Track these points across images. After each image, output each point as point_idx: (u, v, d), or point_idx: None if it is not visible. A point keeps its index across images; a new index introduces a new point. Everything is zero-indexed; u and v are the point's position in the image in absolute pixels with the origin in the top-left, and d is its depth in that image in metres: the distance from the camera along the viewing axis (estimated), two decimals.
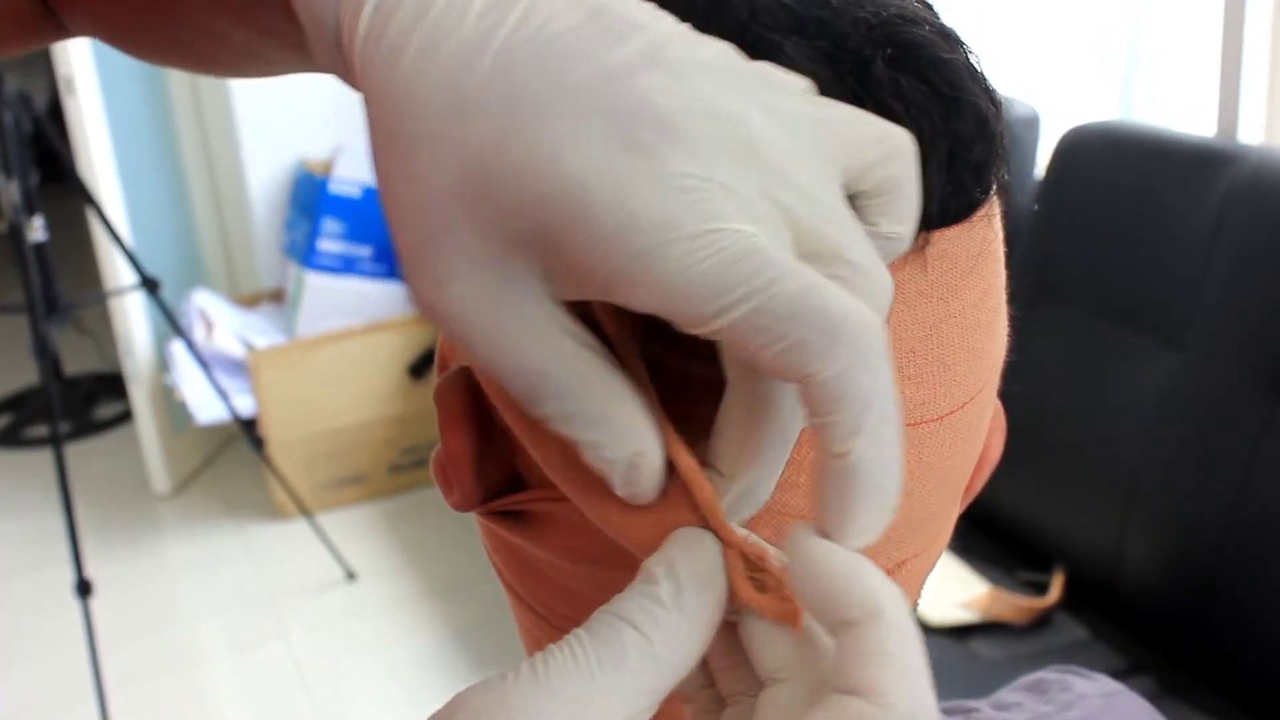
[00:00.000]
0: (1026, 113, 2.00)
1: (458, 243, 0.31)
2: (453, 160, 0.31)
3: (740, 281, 0.29)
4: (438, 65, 0.31)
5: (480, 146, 0.30)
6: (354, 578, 2.88)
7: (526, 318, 0.32)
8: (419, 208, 0.31)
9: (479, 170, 0.31)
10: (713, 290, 0.29)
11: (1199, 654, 1.64)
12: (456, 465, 0.42)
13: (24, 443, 3.77)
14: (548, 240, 0.31)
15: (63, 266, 2.45)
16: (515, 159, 0.30)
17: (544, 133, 0.30)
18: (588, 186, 0.30)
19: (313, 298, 3.16)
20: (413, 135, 0.31)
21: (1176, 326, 1.69)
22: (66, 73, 2.86)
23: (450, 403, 0.42)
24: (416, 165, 0.31)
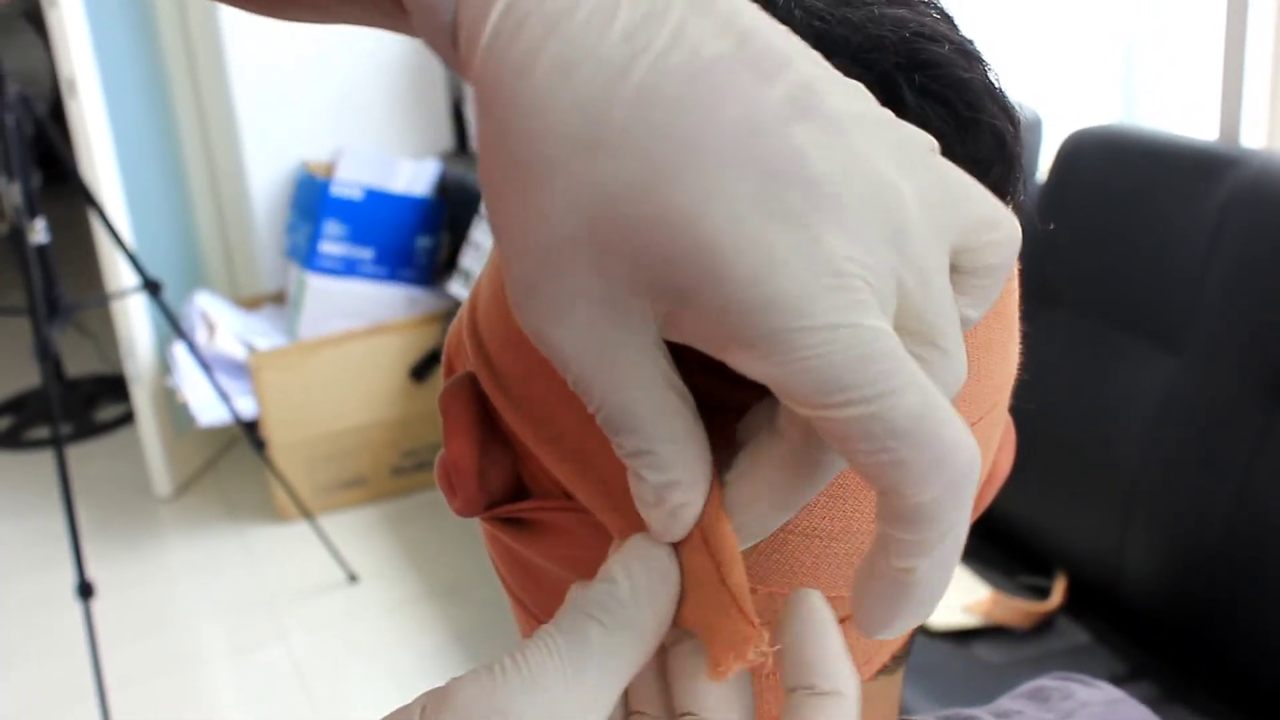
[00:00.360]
0: (1028, 116, 2.00)
1: (577, 283, 0.30)
2: (584, 199, 0.29)
3: (866, 383, 0.28)
4: (574, 86, 0.29)
5: (617, 189, 0.29)
6: (355, 580, 2.88)
7: (633, 361, 0.31)
8: (539, 242, 0.30)
9: (612, 214, 0.29)
10: (836, 384, 0.28)
11: (1201, 658, 1.64)
12: (460, 471, 0.42)
13: (25, 444, 3.77)
14: (673, 296, 0.30)
15: (64, 268, 2.45)
16: (654, 210, 0.29)
17: (689, 184, 0.28)
18: (730, 253, 0.28)
19: (314, 300, 3.16)
20: (540, 162, 0.29)
21: (1177, 330, 1.69)
22: (68, 74, 2.86)
23: (455, 409, 0.42)
24: (541, 196, 0.29)
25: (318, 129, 3.35)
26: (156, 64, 3.32)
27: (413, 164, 3.25)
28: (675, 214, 0.28)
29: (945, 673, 1.64)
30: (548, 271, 0.30)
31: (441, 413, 0.43)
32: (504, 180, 0.30)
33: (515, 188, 0.30)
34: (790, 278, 0.28)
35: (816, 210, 0.28)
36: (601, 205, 0.29)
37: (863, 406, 0.28)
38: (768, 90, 0.29)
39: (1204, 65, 2.04)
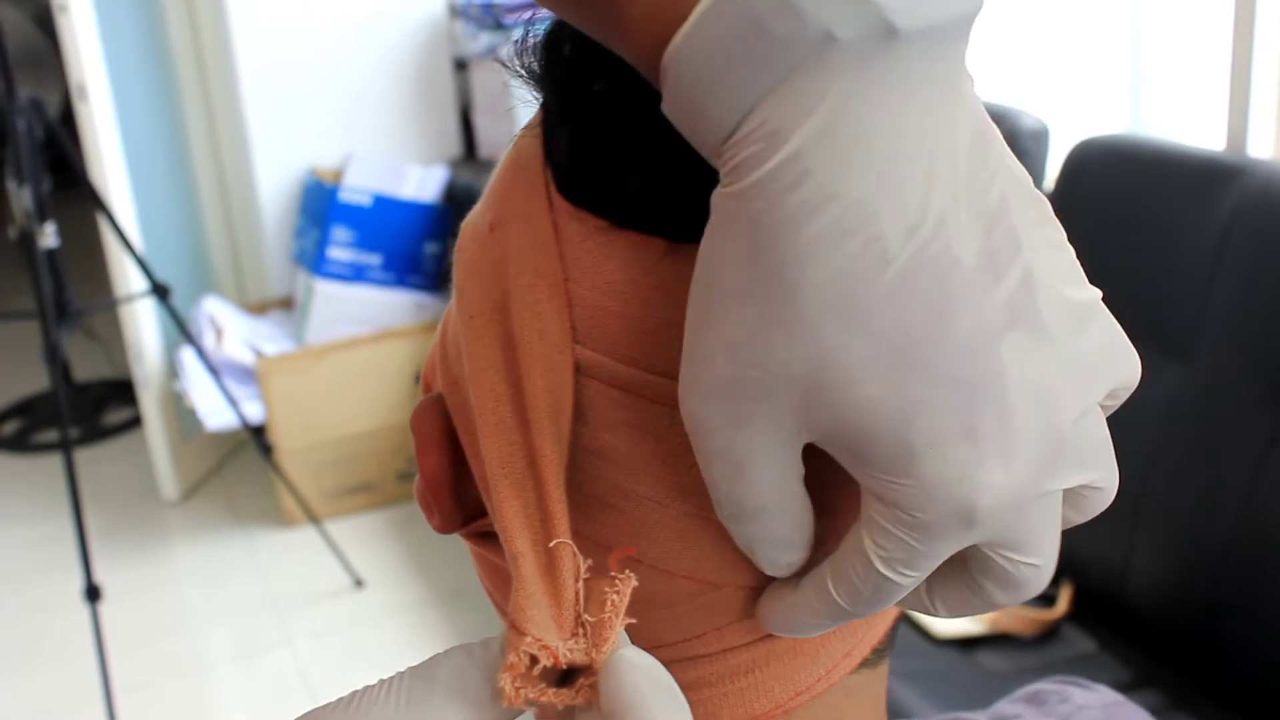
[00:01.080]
0: (1035, 125, 2.00)
1: (767, 411, 0.33)
2: (816, 357, 0.32)
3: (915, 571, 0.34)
4: (841, 257, 0.31)
5: (846, 363, 0.31)
6: (361, 585, 2.88)
7: (772, 472, 0.34)
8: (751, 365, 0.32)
9: (833, 381, 0.32)
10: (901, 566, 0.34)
11: (1206, 666, 1.64)
12: (434, 488, 0.43)
13: (33, 448, 3.78)
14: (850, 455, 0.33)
15: (73, 273, 2.45)
16: (873, 394, 0.32)
17: (909, 388, 0.31)
18: (920, 459, 0.32)
19: (322, 305, 3.17)
20: (785, 308, 0.31)
21: (1183, 339, 1.69)
22: (79, 79, 2.87)
23: (426, 427, 0.44)
24: (774, 333, 0.32)
25: (326, 135, 3.36)
26: (166, 69, 3.33)
27: (421, 170, 3.26)
28: (887, 404, 0.32)
29: (950, 680, 1.64)
30: (748, 390, 0.33)
31: (413, 432, 0.44)
32: (740, 296, 0.32)
33: (750, 309, 0.32)
34: (952, 498, 0.32)
35: (995, 442, 0.32)
36: (830, 369, 0.32)
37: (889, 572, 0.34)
38: (995, 294, 0.32)
39: (1211, 75, 2.04)
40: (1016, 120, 2.00)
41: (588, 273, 0.38)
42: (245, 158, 3.36)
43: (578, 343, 0.38)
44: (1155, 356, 1.73)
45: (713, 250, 0.33)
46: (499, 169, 0.43)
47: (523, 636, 0.35)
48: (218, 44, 3.31)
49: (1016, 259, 0.32)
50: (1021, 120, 2.00)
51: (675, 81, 0.32)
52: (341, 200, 3.13)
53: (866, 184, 0.30)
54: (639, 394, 0.38)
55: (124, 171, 3.02)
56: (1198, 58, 2.18)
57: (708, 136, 0.32)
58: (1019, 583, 0.35)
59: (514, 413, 0.39)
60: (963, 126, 0.32)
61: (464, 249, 0.44)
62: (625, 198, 0.37)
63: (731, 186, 0.32)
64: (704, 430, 0.34)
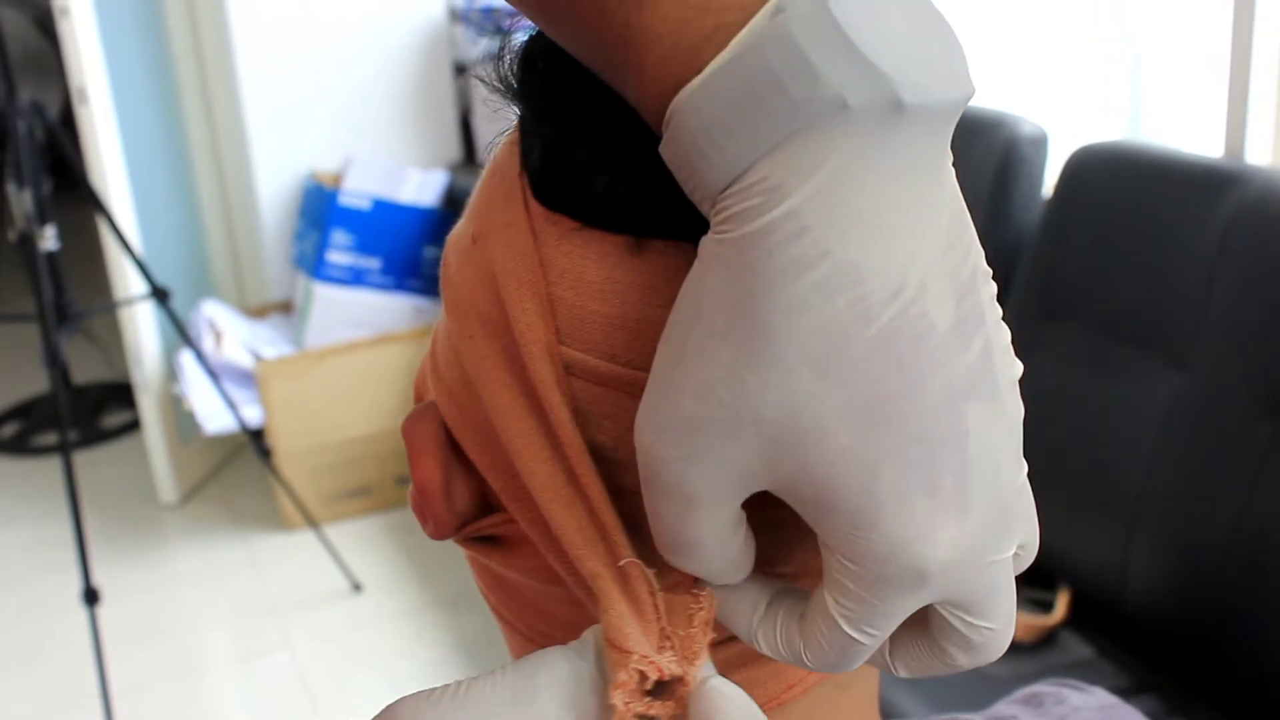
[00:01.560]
0: (1034, 132, 2.01)
1: (729, 454, 0.34)
2: (790, 403, 0.33)
3: (878, 630, 0.36)
4: (829, 311, 0.32)
5: (820, 412, 0.33)
6: (359, 589, 2.88)
7: (716, 513, 0.36)
8: (722, 403, 0.33)
9: (804, 430, 0.33)
10: (864, 624, 0.35)
11: (1204, 673, 1.64)
12: (427, 494, 0.44)
13: (32, 450, 3.78)
14: (811, 505, 0.34)
15: (73, 275, 2.46)
16: (844, 444, 0.33)
17: (878, 441, 0.33)
18: (884, 512, 0.33)
19: (321, 309, 3.17)
20: (766, 355, 0.33)
21: (1181, 346, 1.69)
22: (79, 82, 2.88)
23: (418, 436, 0.45)
24: (752, 376, 0.33)
25: (326, 138, 3.36)
26: (166, 72, 3.34)
27: (421, 174, 3.26)
28: (856, 455, 0.33)
29: (948, 684, 1.64)
30: (712, 429, 0.34)
31: (405, 440, 0.45)
32: (720, 337, 0.33)
33: (730, 351, 0.33)
34: (910, 553, 0.34)
35: (952, 499, 0.34)
36: (802, 416, 0.33)
37: (853, 631, 0.36)
38: (962, 360, 0.34)
39: (1209, 82, 2.04)
40: (1015, 127, 2.00)
41: (566, 274, 0.39)
42: (245, 161, 3.36)
43: (563, 344, 0.40)
44: (1154, 363, 1.73)
45: (696, 291, 0.34)
46: (480, 182, 0.45)
47: (628, 654, 0.37)
48: (218, 47, 3.32)
49: (980, 329, 0.34)
50: (1020, 127, 2.00)
51: (681, 127, 0.33)
52: (341, 204, 3.13)
53: (859, 246, 0.32)
54: (622, 390, 0.39)
55: (124, 174, 3.03)
56: (1196, 65, 2.19)
57: (704, 184, 0.33)
58: (978, 646, 0.37)
59: (543, 434, 0.40)
60: (946, 203, 0.34)
61: (448, 262, 0.45)
62: (593, 198, 0.39)
63: (727, 234, 0.33)
64: (657, 463, 0.35)
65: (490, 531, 0.44)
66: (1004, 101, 2.13)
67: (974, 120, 2.05)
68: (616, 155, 0.38)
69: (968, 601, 0.35)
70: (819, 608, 0.36)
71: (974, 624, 0.36)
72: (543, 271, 0.40)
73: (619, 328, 0.39)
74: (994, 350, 0.35)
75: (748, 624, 0.39)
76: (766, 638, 0.38)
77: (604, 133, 0.38)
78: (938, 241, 0.33)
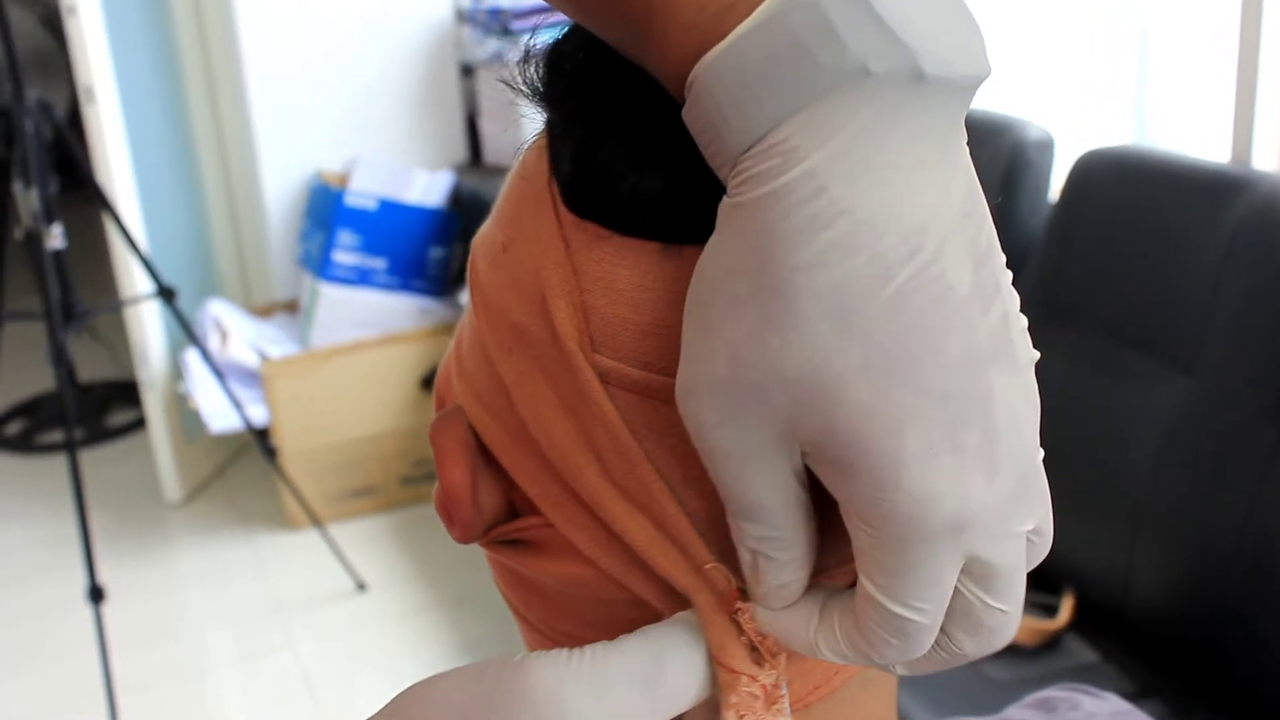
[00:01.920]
0: (1040, 136, 2.01)
1: (759, 409, 0.34)
2: (810, 360, 0.33)
3: (919, 599, 0.35)
4: (846, 269, 0.33)
5: (839, 369, 0.33)
6: (364, 589, 2.88)
7: (775, 470, 0.36)
8: (746, 363, 0.34)
9: (825, 385, 0.33)
10: (904, 592, 0.35)
11: (1208, 678, 1.64)
12: (455, 498, 0.44)
13: (38, 448, 3.79)
14: (836, 464, 0.34)
15: (79, 274, 2.46)
16: (864, 401, 0.33)
17: (900, 398, 0.33)
18: (908, 469, 0.33)
19: (327, 309, 3.18)
20: (785, 311, 0.33)
21: (1187, 351, 1.69)
22: (86, 82, 2.88)
23: (448, 439, 0.45)
24: (772, 335, 0.34)
25: (333, 138, 3.36)
26: (173, 72, 3.34)
27: (427, 175, 3.26)
28: (879, 413, 0.33)
29: (951, 688, 1.64)
30: (742, 390, 0.35)
31: (433, 445, 0.45)
32: (742, 301, 0.34)
33: (751, 313, 0.34)
34: (938, 510, 0.34)
35: (979, 457, 0.34)
36: (824, 373, 0.33)
37: (898, 607, 0.35)
38: (982, 324, 0.34)
39: (1216, 87, 2.04)
40: (1022, 131, 2.00)
41: (599, 282, 0.40)
42: (251, 160, 3.37)
43: (596, 351, 0.40)
44: (1159, 368, 1.73)
45: (716, 257, 0.35)
46: (507, 185, 0.45)
47: (737, 675, 0.39)
48: (225, 46, 3.32)
49: (998, 298, 0.35)
50: (1027, 131, 2.00)
51: (704, 92, 0.34)
52: (347, 204, 3.14)
53: (877, 205, 0.32)
54: (656, 398, 0.40)
55: (130, 173, 3.03)
56: (1203, 69, 2.19)
57: (725, 147, 0.34)
58: (989, 631, 0.37)
59: (588, 446, 0.41)
60: (961, 174, 0.34)
61: (476, 266, 0.45)
62: (622, 200, 0.39)
63: (743, 196, 0.34)
64: (703, 429, 0.36)
65: (520, 536, 0.45)
66: (1010, 105, 2.13)
67: (980, 124, 2.05)
68: (644, 152, 0.39)
69: (989, 574, 0.36)
70: (862, 595, 0.36)
71: (989, 604, 0.36)
72: (576, 278, 0.40)
73: (651, 335, 0.39)
74: (1012, 323, 0.35)
75: (807, 636, 0.39)
76: (829, 643, 0.38)
77: (632, 129, 0.39)
78: (954, 208, 0.34)
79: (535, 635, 0.49)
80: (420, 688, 0.39)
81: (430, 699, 0.38)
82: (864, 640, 0.37)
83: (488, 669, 0.38)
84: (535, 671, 0.37)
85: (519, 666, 0.38)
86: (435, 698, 0.38)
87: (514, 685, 0.37)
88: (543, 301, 0.40)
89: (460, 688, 0.38)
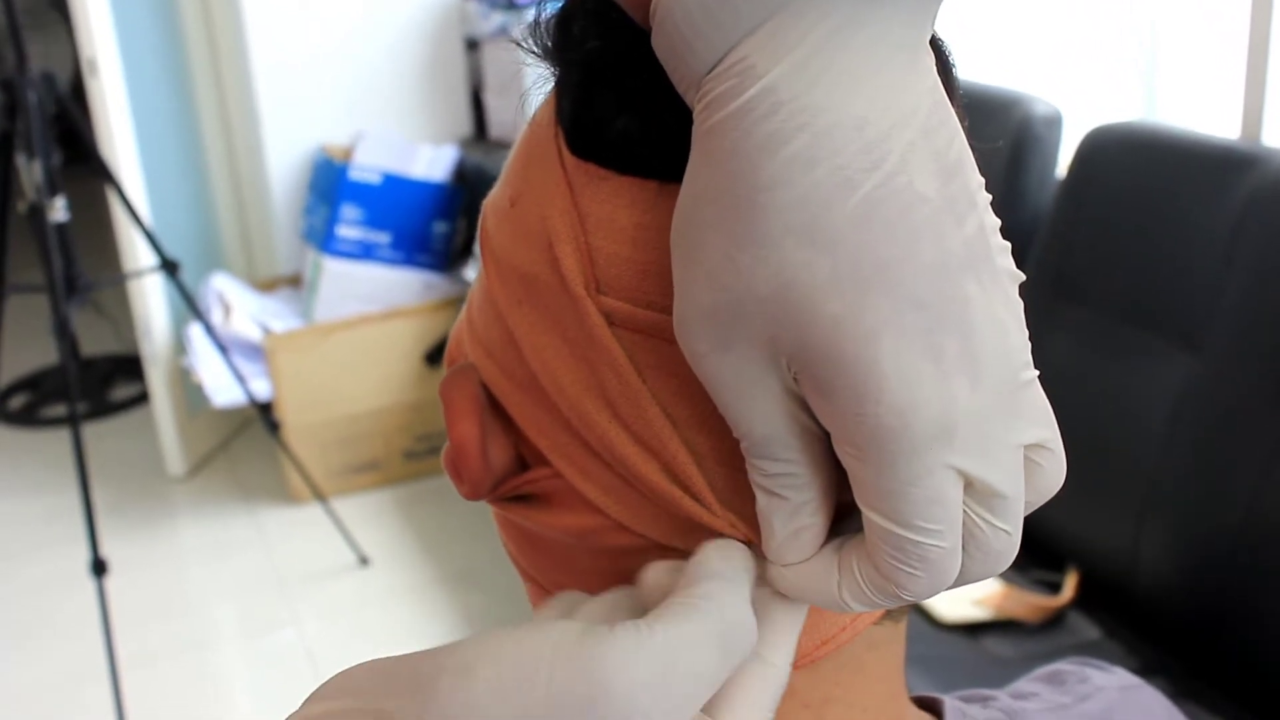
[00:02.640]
0: (1049, 112, 2.00)
1: (745, 333, 0.34)
2: (783, 275, 0.33)
3: (925, 521, 0.34)
4: (810, 181, 0.32)
5: (814, 281, 0.33)
6: (367, 563, 2.88)
7: (776, 397, 0.35)
8: (727, 288, 0.34)
9: (801, 299, 0.33)
10: (904, 515, 0.34)
11: (1213, 656, 1.64)
12: (464, 454, 0.44)
13: (41, 422, 3.79)
14: (815, 383, 0.34)
15: (82, 247, 2.45)
16: (838, 312, 0.33)
17: (875, 305, 0.33)
18: (887, 379, 0.33)
19: (330, 283, 3.17)
20: (756, 231, 0.33)
21: (1195, 328, 1.69)
22: (90, 54, 2.87)
23: (457, 395, 0.45)
24: (745, 256, 0.33)
25: (337, 112, 3.36)
26: (177, 45, 3.33)
27: (431, 149, 3.25)
28: (853, 324, 0.33)
29: (955, 665, 1.64)
30: (724, 314, 0.34)
31: (443, 400, 0.45)
32: (712, 226, 0.34)
33: (722, 236, 0.34)
34: (924, 414, 0.33)
35: (961, 361, 0.33)
36: (794, 287, 0.33)
37: (908, 531, 0.34)
38: (956, 234, 0.33)
39: (1227, 63, 2.03)
40: (1030, 106, 1.99)
41: (601, 222, 0.40)
42: (255, 134, 3.36)
43: (602, 293, 0.40)
44: (1166, 346, 1.72)
45: (690, 186, 0.35)
46: (516, 145, 0.45)
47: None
48: (229, 18, 3.31)
49: (973, 211, 0.34)
50: (1035, 106, 1.99)
51: (666, 16, 0.33)
52: (351, 178, 3.13)
53: (836, 117, 0.32)
54: (659, 336, 0.39)
55: (134, 146, 3.02)
56: (1213, 44, 2.17)
57: (689, 72, 0.34)
58: (996, 553, 0.36)
59: (599, 392, 0.41)
60: (926, 88, 0.34)
61: (486, 224, 0.45)
62: (615, 140, 0.39)
63: (707, 122, 0.33)
64: (698, 358, 0.36)
65: (528, 489, 0.45)
66: (1018, 80, 2.12)
67: (988, 99, 2.04)
68: (632, 94, 0.39)
69: (989, 491, 0.35)
70: (869, 528, 0.36)
71: (994, 524, 0.35)
72: (580, 221, 0.40)
73: (652, 273, 0.39)
74: (990, 237, 0.34)
75: (830, 589, 0.38)
76: (853, 592, 0.37)
77: (622, 75, 0.39)
78: (918, 120, 0.33)
79: (543, 595, 0.49)
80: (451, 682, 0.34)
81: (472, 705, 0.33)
82: (884, 577, 0.36)
83: (538, 663, 0.33)
84: (607, 655, 0.34)
85: (575, 660, 0.33)
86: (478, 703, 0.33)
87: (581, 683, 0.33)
88: (549, 249, 0.40)
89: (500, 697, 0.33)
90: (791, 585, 0.39)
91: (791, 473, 0.37)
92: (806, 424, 0.36)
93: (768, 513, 0.38)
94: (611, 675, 0.33)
